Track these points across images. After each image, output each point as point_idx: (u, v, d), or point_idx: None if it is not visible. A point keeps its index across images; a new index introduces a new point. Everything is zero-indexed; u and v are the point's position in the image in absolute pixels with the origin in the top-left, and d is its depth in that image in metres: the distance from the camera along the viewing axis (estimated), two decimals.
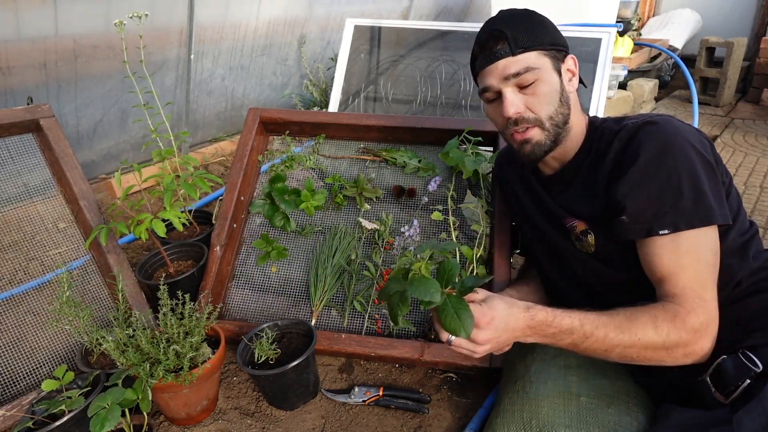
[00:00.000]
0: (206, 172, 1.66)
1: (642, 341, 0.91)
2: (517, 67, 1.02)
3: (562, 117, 1.06)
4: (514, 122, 1.06)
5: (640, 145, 0.99)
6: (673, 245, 0.95)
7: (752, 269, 1.01)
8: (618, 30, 2.64)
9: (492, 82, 1.06)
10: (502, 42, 1.03)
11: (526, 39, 1.03)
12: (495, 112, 1.11)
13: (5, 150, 1.52)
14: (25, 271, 1.46)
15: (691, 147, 0.96)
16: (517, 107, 1.04)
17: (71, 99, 2.29)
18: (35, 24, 2.01)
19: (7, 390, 1.31)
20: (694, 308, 0.92)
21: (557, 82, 1.06)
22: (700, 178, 0.95)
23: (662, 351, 0.92)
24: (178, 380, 1.18)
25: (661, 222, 0.95)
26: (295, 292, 1.64)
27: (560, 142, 1.08)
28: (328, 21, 3.62)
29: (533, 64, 1.03)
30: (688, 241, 0.94)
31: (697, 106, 3.08)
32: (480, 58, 1.08)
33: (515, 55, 1.03)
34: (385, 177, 1.80)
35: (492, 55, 1.04)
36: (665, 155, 0.96)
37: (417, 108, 2.65)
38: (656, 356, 0.93)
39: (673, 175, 0.95)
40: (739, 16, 5.40)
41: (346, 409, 1.34)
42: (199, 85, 2.89)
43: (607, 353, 0.94)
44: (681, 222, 0.94)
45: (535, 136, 1.06)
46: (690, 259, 0.94)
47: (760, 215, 2.39)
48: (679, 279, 0.94)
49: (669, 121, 1.01)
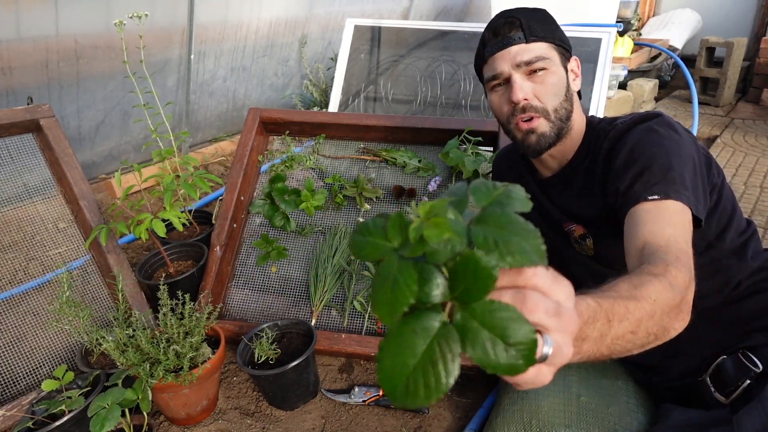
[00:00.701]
0: (206, 172, 1.66)
1: (659, 302, 0.73)
2: (530, 55, 1.03)
3: (565, 111, 1.07)
4: (522, 109, 1.06)
5: (628, 140, 1.00)
6: (658, 210, 0.89)
7: (751, 270, 1.01)
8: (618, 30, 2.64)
9: (503, 67, 1.06)
10: (516, 29, 1.04)
11: (540, 29, 1.05)
12: (501, 99, 1.10)
13: (5, 150, 1.52)
14: (25, 271, 1.46)
15: (679, 137, 0.96)
16: (525, 93, 1.04)
17: (73, 100, 2.29)
18: (36, 24, 2.01)
19: (7, 390, 1.31)
20: (679, 258, 0.82)
21: (564, 76, 1.07)
22: (687, 164, 0.93)
23: (675, 310, 0.75)
24: (178, 380, 1.18)
25: (650, 190, 0.91)
26: (295, 292, 1.64)
27: (562, 138, 1.09)
28: (328, 21, 3.62)
29: (545, 54, 1.04)
30: (673, 207, 0.89)
31: (697, 106, 3.08)
32: (492, 43, 1.08)
33: (529, 42, 1.04)
34: (385, 177, 1.80)
35: (505, 40, 1.05)
36: (653, 135, 0.96)
37: (417, 108, 2.65)
38: (670, 321, 0.75)
39: (661, 153, 0.94)
40: (739, 16, 5.40)
41: (346, 409, 1.34)
42: (201, 87, 2.89)
43: (634, 335, 0.70)
44: (670, 190, 0.90)
45: (540, 127, 1.06)
46: (674, 224, 0.88)
47: (760, 215, 2.38)
48: (663, 234, 0.86)
49: (657, 115, 1.01)
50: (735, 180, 2.77)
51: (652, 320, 0.72)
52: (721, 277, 0.99)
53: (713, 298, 1.00)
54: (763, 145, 3.27)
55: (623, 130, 1.02)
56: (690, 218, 0.89)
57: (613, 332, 0.65)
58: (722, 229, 1.00)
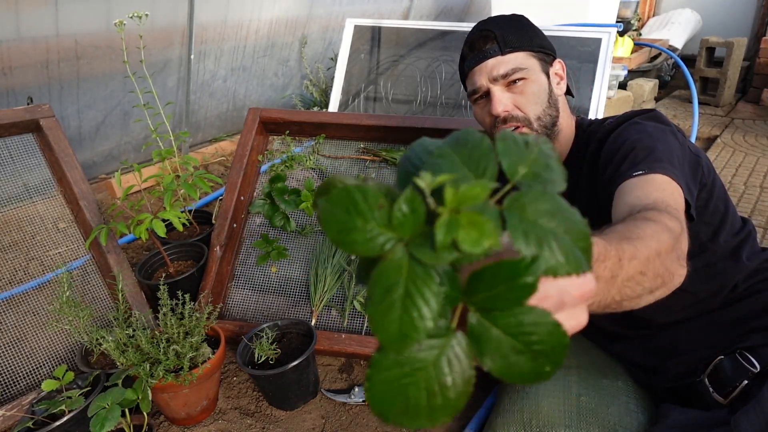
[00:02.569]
0: (206, 172, 1.66)
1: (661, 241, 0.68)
2: (506, 68, 1.04)
3: (550, 118, 1.06)
4: (503, 121, 1.06)
5: (615, 133, 1.00)
6: (644, 180, 0.86)
7: (748, 272, 1.01)
8: (618, 30, 2.63)
9: (481, 81, 1.07)
10: (491, 41, 1.05)
11: (515, 39, 1.05)
12: (483, 111, 1.11)
13: (5, 150, 1.52)
14: (25, 271, 1.46)
15: (665, 127, 0.97)
16: (505, 105, 1.04)
17: (74, 100, 2.29)
18: (36, 24, 2.01)
19: (7, 390, 1.31)
20: (669, 211, 0.77)
21: (545, 83, 1.07)
22: (673, 150, 0.92)
23: (674, 255, 0.70)
24: (178, 380, 1.18)
25: (635, 168, 0.88)
26: (295, 292, 1.64)
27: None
28: (329, 21, 3.62)
29: (521, 64, 1.04)
30: (660, 179, 0.85)
31: (697, 106, 3.08)
32: (469, 58, 1.09)
33: (504, 54, 1.04)
34: (385, 177, 1.80)
35: (481, 54, 1.05)
36: (636, 126, 0.97)
37: (417, 108, 2.65)
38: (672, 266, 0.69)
39: (644, 139, 0.93)
40: (739, 16, 5.39)
41: (346, 409, 1.34)
42: (201, 87, 2.90)
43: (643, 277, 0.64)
44: (656, 167, 0.87)
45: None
46: (662, 190, 0.83)
47: (760, 215, 2.38)
48: (650, 197, 0.81)
49: (642, 112, 1.02)
50: (735, 180, 2.77)
51: (658, 259, 0.66)
52: (717, 281, 0.98)
53: (710, 301, 1.00)
54: (763, 145, 3.27)
55: (609, 130, 1.02)
56: (680, 191, 0.84)
57: (624, 272, 0.60)
58: (715, 230, 1.00)
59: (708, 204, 1.00)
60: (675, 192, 0.83)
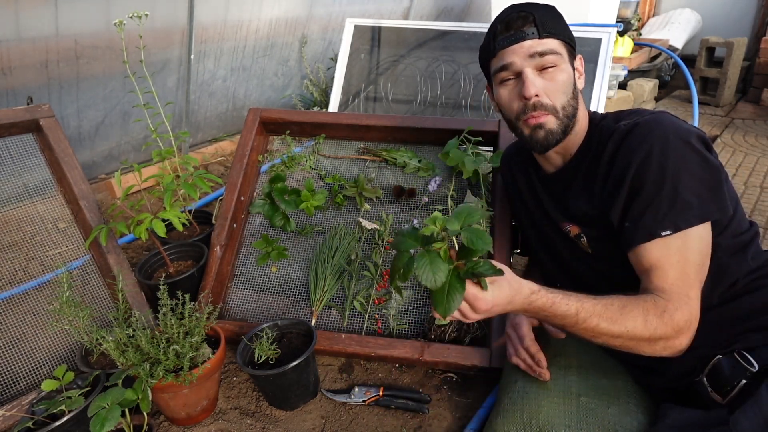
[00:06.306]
0: (206, 172, 1.66)
1: (630, 333, 0.93)
2: (544, 48, 1.04)
3: (572, 109, 1.07)
4: (532, 107, 1.06)
5: (632, 150, 0.99)
6: (664, 242, 0.95)
7: (749, 269, 1.01)
8: (618, 30, 2.64)
9: (515, 59, 1.05)
10: (530, 24, 1.05)
11: (552, 26, 1.06)
12: (511, 94, 1.09)
13: (5, 150, 1.52)
14: (25, 271, 1.46)
15: (683, 143, 0.96)
16: (538, 88, 1.04)
17: (73, 100, 2.29)
18: (36, 24, 2.01)
19: (7, 390, 1.31)
20: (681, 306, 0.92)
21: (572, 74, 1.08)
22: (695, 175, 0.95)
23: (645, 343, 0.94)
24: (178, 380, 1.18)
25: (662, 224, 0.95)
26: (295, 292, 1.64)
27: (568, 134, 1.09)
28: (329, 21, 3.62)
29: (557, 49, 1.05)
30: (679, 239, 0.94)
31: (697, 106, 3.08)
32: (503, 36, 1.07)
33: (542, 38, 1.04)
34: (385, 177, 1.80)
35: (518, 34, 1.05)
36: (657, 158, 0.96)
37: (417, 108, 2.65)
38: (638, 347, 0.95)
39: (667, 176, 0.95)
40: (739, 16, 5.39)
41: (346, 409, 1.34)
42: (201, 87, 2.89)
43: (594, 339, 0.97)
44: (681, 222, 0.94)
45: (549, 123, 1.06)
46: (679, 256, 0.94)
47: (760, 215, 2.38)
48: (668, 275, 0.95)
49: (659, 121, 1.00)
50: (735, 180, 2.77)
51: (616, 339, 0.95)
52: (717, 274, 0.99)
53: (710, 297, 1.00)
54: (763, 145, 3.27)
55: (624, 133, 1.02)
56: (703, 233, 0.96)
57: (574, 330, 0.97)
58: (722, 227, 1.00)
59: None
60: (690, 256, 0.95)
